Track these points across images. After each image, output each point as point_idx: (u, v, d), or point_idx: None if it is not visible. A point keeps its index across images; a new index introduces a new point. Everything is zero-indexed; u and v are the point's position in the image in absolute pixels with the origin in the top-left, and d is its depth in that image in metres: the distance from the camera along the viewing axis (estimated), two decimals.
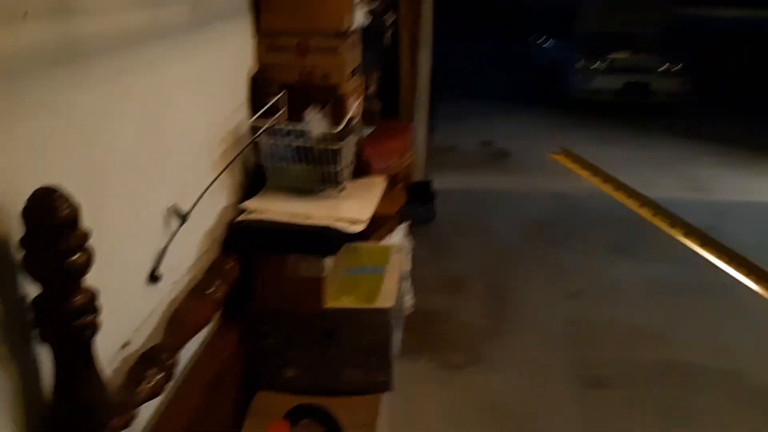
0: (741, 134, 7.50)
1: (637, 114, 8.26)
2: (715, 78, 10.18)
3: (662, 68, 8.30)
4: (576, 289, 3.74)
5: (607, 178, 1.46)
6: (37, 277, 1.10)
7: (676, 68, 8.33)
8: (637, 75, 8.24)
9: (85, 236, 1.12)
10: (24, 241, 1.08)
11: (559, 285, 3.79)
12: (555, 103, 8.73)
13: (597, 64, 8.26)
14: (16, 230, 1.08)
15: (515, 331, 3.32)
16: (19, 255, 1.09)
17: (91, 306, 1.15)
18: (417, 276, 3.54)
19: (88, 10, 1.31)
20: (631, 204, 1.38)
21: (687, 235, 1.37)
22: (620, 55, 8.35)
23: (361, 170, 2.53)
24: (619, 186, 1.42)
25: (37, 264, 1.10)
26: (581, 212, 4.97)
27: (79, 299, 1.12)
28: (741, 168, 5.84)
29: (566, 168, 6.12)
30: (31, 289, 1.13)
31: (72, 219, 1.09)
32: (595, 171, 1.47)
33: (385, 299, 2.17)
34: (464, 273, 3.89)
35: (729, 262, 1.29)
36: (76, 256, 1.10)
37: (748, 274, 1.25)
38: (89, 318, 1.14)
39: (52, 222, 1.06)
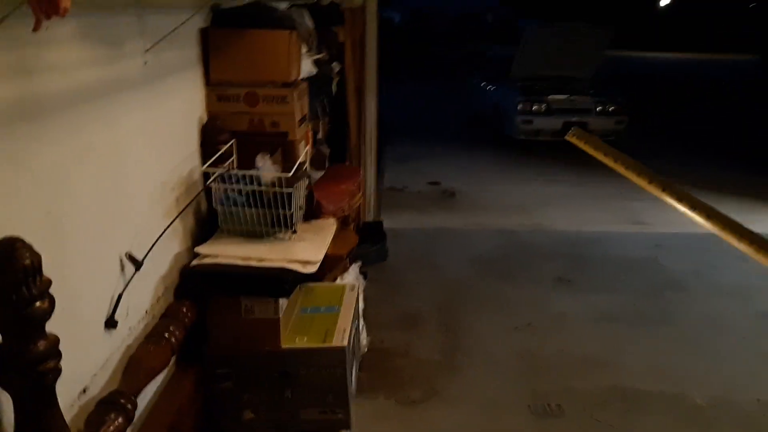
0: (670, 169, 7.90)
1: (575, 152, 8.62)
2: (647, 116, 10.78)
3: (599, 108, 8.75)
4: (525, 322, 3.86)
5: (619, 158, 1.57)
6: None
7: (611, 108, 8.79)
8: (575, 115, 8.64)
9: (48, 284, 1.16)
10: None
11: (508, 318, 3.90)
12: (498, 144, 9.05)
13: (536, 107, 8.64)
14: None
15: (469, 364, 3.39)
16: None
17: (53, 351, 1.18)
18: (371, 314, 3.60)
19: (46, 69, 1.37)
20: (641, 181, 1.49)
21: (694, 209, 1.48)
22: (558, 97, 8.76)
23: (313, 213, 2.61)
24: (629, 165, 1.53)
25: None
26: (526, 248, 5.15)
27: (41, 345, 1.16)
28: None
29: (514, 204, 6.35)
30: None
31: (34, 267, 1.13)
32: (607, 151, 1.58)
33: (340, 338, 2.23)
34: (417, 310, 3.97)
35: (732, 234, 1.38)
36: (38, 304, 1.14)
37: (758, 250, 1.35)
38: (51, 363, 1.18)
39: (15, 271, 1.10)
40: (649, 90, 15.13)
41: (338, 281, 2.80)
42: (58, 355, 1.20)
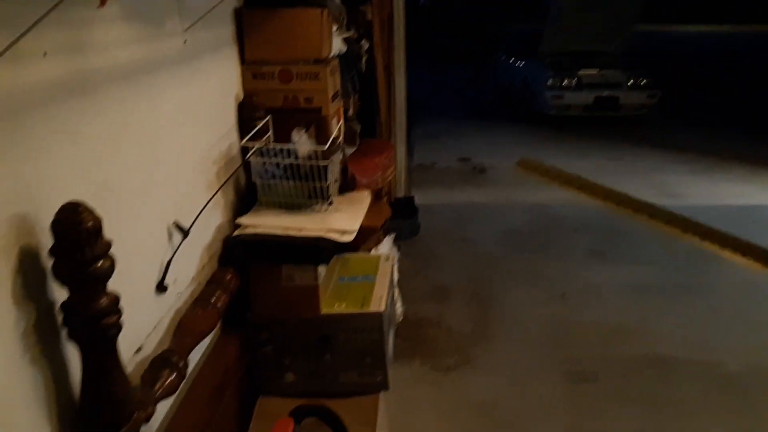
0: (703, 143, 7.79)
1: (606, 127, 8.54)
2: (679, 90, 10.57)
3: (630, 82, 8.61)
4: (556, 293, 3.89)
5: (570, 179, 1.55)
6: (65, 282, 1.23)
7: (643, 82, 8.64)
8: (606, 90, 8.53)
9: (108, 245, 1.25)
10: (53, 250, 1.20)
11: (541, 289, 3.95)
12: (528, 119, 9.00)
13: (566, 82, 8.54)
14: (46, 241, 1.20)
15: (501, 334, 3.46)
16: (49, 263, 1.21)
17: (114, 307, 1.27)
18: (405, 286, 3.68)
19: (96, 47, 1.45)
20: (596, 199, 1.48)
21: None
22: (589, 72, 8.65)
23: (347, 186, 2.68)
24: (582, 185, 1.51)
25: (65, 270, 1.22)
26: (557, 220, 5.17)
27: (104, 301, 1.25)
28: (705, 174, 6.10)
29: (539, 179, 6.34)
30: (60, 294, 1.25)
31: (96, 229, 1.22)
32: (556, 175, 1.55)
33: (377, 304, 2.30)
34: (450, 282, 4.04)
35: (699, 235, 1.39)
36: (100, 263, 1.23)
37: (733, 252, 1.35)
38: (114, 318, 1.27)
39: (79, 232, 1.19)
40: (680, 64, 14.79)
41: (373, 252, 2.87)
42: (119, 312, 1.29)
